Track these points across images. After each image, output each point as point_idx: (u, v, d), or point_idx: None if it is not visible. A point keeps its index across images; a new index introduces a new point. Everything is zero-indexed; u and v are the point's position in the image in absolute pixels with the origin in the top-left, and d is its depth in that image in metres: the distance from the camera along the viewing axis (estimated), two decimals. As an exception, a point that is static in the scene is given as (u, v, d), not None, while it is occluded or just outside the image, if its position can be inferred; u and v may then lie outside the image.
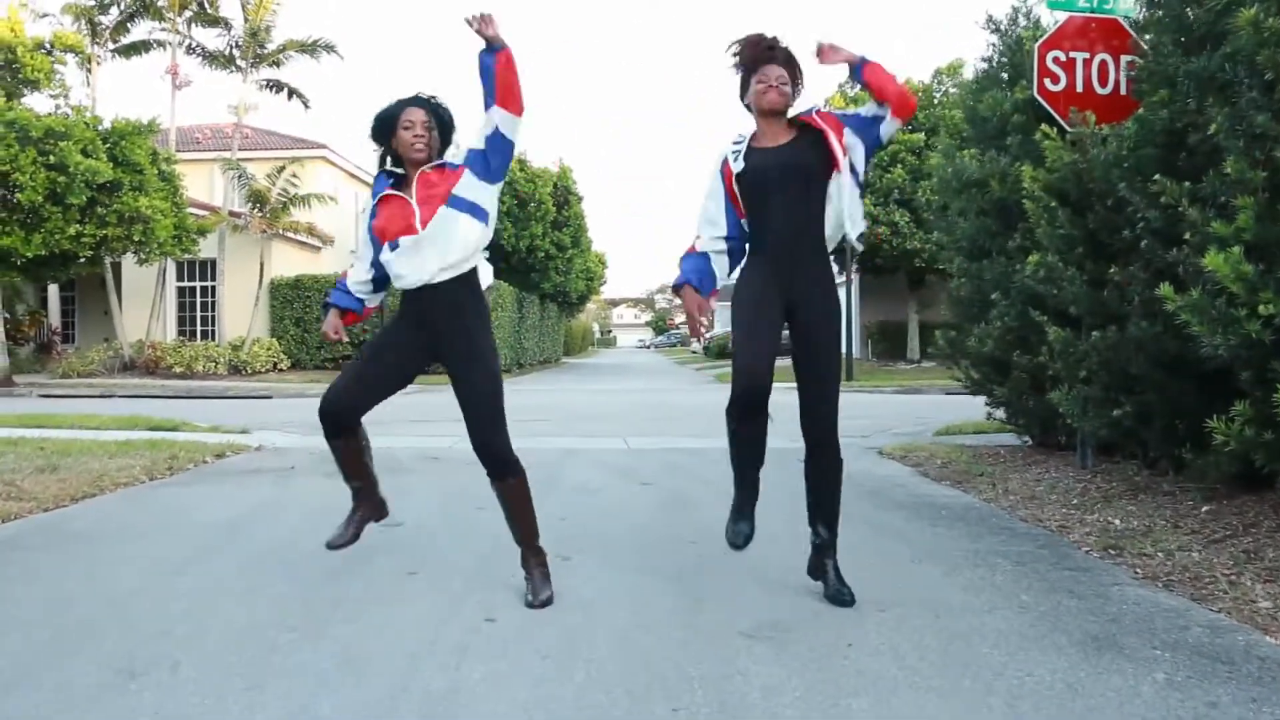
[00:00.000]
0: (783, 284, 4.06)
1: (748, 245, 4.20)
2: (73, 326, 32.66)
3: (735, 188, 4.14)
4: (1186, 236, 5.16)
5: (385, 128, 4.20)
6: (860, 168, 4.08)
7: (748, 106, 4.25)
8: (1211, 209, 5.09)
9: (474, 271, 4.22)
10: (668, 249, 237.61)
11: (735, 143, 4.23)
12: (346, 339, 4.45)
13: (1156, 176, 5.37)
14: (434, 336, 4.21)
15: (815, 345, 4.11)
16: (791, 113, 4.20)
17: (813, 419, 4.13)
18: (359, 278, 4.35)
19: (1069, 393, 6.57)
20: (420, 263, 4.11)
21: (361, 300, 4.40)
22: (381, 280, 4.33)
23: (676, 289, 4.26)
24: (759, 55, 4.15)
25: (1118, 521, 5.58)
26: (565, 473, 7.97)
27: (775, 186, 4.05)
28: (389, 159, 4.26)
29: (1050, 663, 3.31)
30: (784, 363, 3.89)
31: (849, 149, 4.05)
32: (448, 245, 4.09)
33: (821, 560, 4.24)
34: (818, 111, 4.13)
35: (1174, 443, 6.16)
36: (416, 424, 11.95)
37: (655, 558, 4.97)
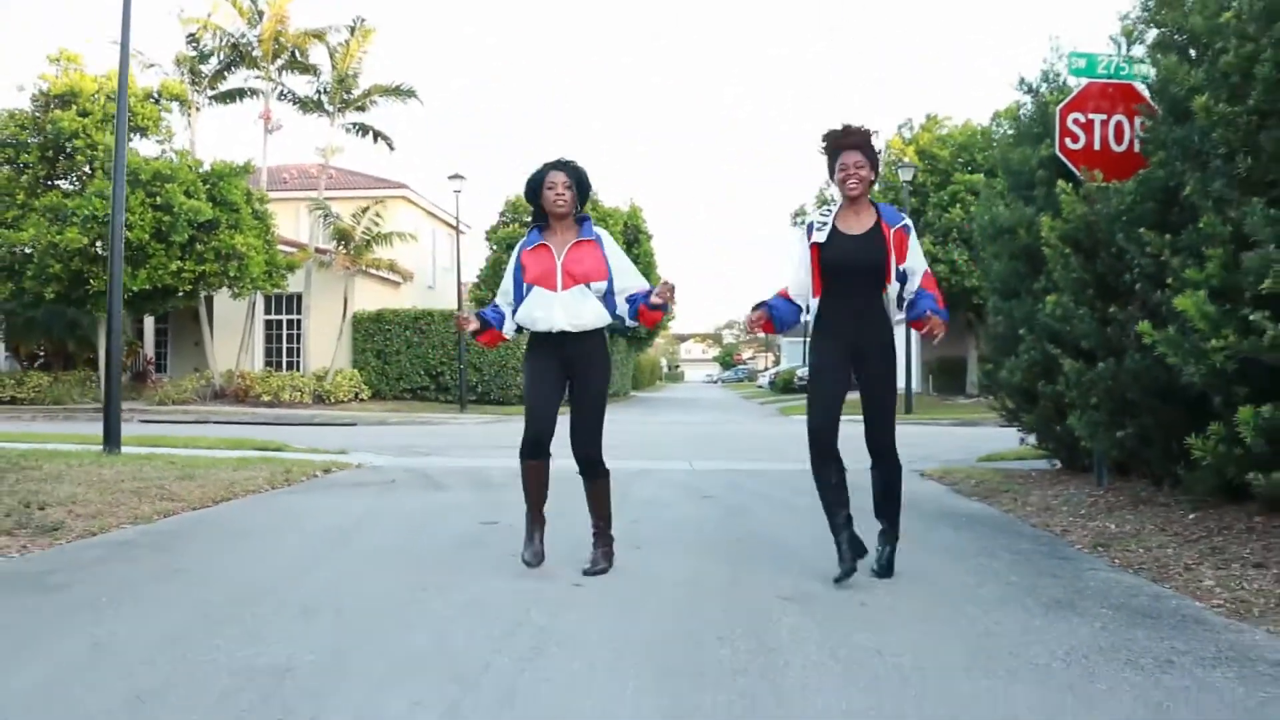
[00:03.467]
0: (851, 344, 5.13)
1: (819, 313, 5.20)
2: (165, 357, 34.35)
3: (817, 262, 5.15)
4: (1169, 281, 6.05)
5: (534, 188, 5.29)
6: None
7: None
8: (1191, 258, 5.99)
9: (599, 331, 5.33)
10: (735, 284, 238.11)
11: (822, 217, 5.27)
12: (471, 328, 5.40)
13: (1142, 229, 6.28)
14: (564, 362, 5.28)
15: (875, 385, 5.19)
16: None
17: (875, 435, 5.21)
18: (503, 311, 5.41)
19: (1081, 417, 7.44)
20: (551, 316, 5.20)
21: (502, 322, 5.40)
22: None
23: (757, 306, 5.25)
24: (839, 143, 5.16)
25: (1113, 526, 6.45)
26: (635, 489, 8.94)
27: (852, 271, 5.08)
28: (537, 214, 5.38)
29: (1016, 617, 4.24)
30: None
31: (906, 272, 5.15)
32: (578, 313, 5.20)
33: (881, 545, 5.22)
34: (897, 230, 5.13)
35: (1171, 460, 7.02)
36: (502, 449, 13.11)
37: (710, 548, 5.94)
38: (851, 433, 5.15)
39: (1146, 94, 8.05)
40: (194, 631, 4.02)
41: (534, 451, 5.29)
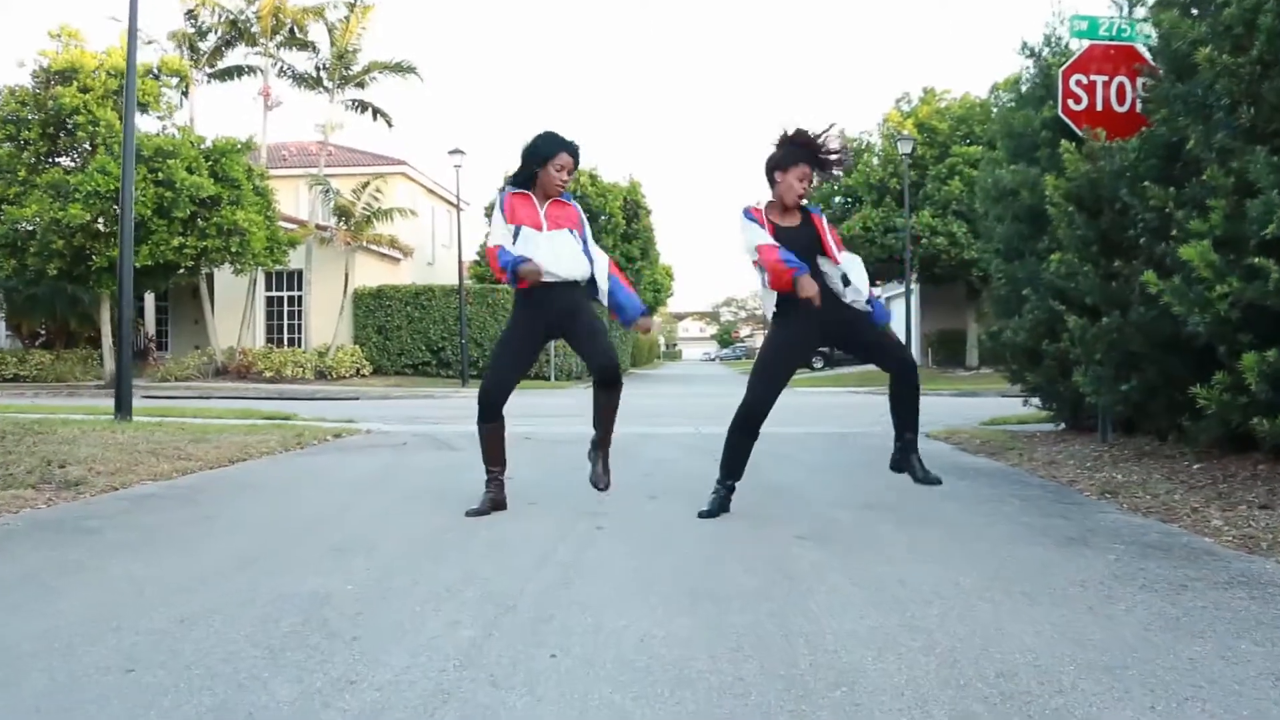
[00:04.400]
0: (814, 324, 5.28)
1: (782, 296, 5.29)
2: (166, 334, 34.42)
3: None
4: (1173, 233, 6.16)
5: (540, 159, 5.41)
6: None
7: (771, 181, 5.40)
8: (1195, 210, 6.10)
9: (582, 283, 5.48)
10: (733, 263, 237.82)
11: (755, 207, 5.41)
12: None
13: (1146, 184, 6.37)
14: (549, 322, 5.44)
15: (861, 328, 5.32)
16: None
17: (894, 352, 5.40)
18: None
19: (1085, 373, 7.55)
20: (538, 253, 5.32)
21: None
22: None
23: (795, 278, 5.24)
24: (797, 152, 5.33)
25: (1119, 476, 6.56)
26: (645, 449, 9.06)
27: (802, 257, 5.22)
28: (520, 177, 5.49)
29: (1031, 552, 4.36)
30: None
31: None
32: (560, 253, 5.35)
33: (908, 456, 5.40)
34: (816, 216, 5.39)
35: (1176, 413, 7.13)
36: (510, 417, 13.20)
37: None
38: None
39: (1148, 56, 8.15)
40: (228, 568, 4.13)
41: (490, 415, 5.54)
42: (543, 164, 5.39)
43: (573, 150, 5.44)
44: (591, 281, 5.43)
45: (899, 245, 30.23)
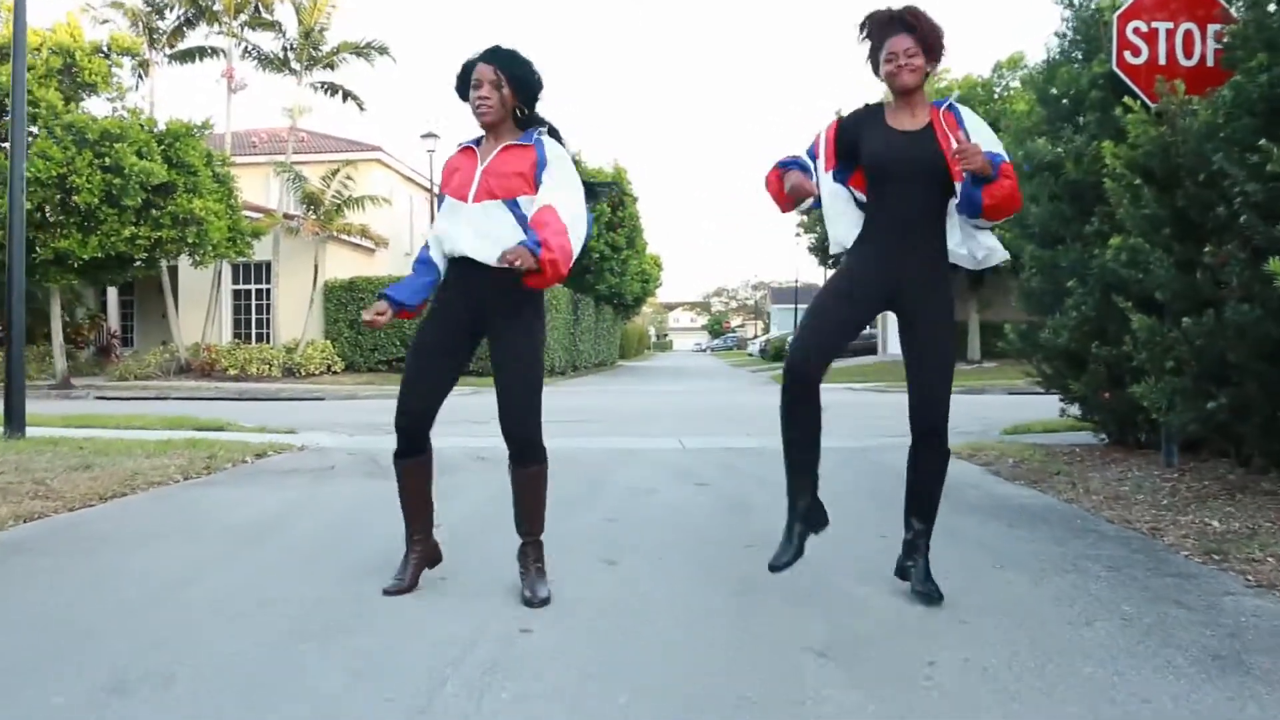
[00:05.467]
0: (890, 275, 3.83)
1: (860, 227, 3.91)
2: (131, 330, 32.89)
3: (836, 146, 3.90)
4: (1294, 209, 4.69)
5: (461, 86, 3.96)
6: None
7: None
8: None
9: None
10: (724, 253, 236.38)
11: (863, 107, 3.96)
12: (384, 319, 4.01)
13: (1262, 142, 4.89)
14: (475, 314, 3.91)
15: (926, 335, 3.87)
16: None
17: (922, 408, 3.90)
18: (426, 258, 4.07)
19: (1155, 385, 6.08)
20: (456, 232, 3.87)
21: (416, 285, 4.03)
22: None
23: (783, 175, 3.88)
24: (885, 27, 3.83)
25: (1216, 523, 5.09)
26: (618, 473, 7.58)
27: (899, 175, 3.80)
28: None
29: (1167, 686, 2.86)
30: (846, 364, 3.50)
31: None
32: (486, 232, 3.82)
33: (912, 555, 3.96)
34: (950, 120, 3.80)
35: (1275, 438, 5.67)
36: (464, 424, 11.65)
37: (710, 563, 4.56)
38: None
39: (1222, -1, 6.70)
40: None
41: (408, 447, 4.03)
42: (468, 99, 3.90)
43: (490, 56, 3.89)
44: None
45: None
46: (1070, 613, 3.65)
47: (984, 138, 3.74)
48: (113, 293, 31.26)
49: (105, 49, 23.49)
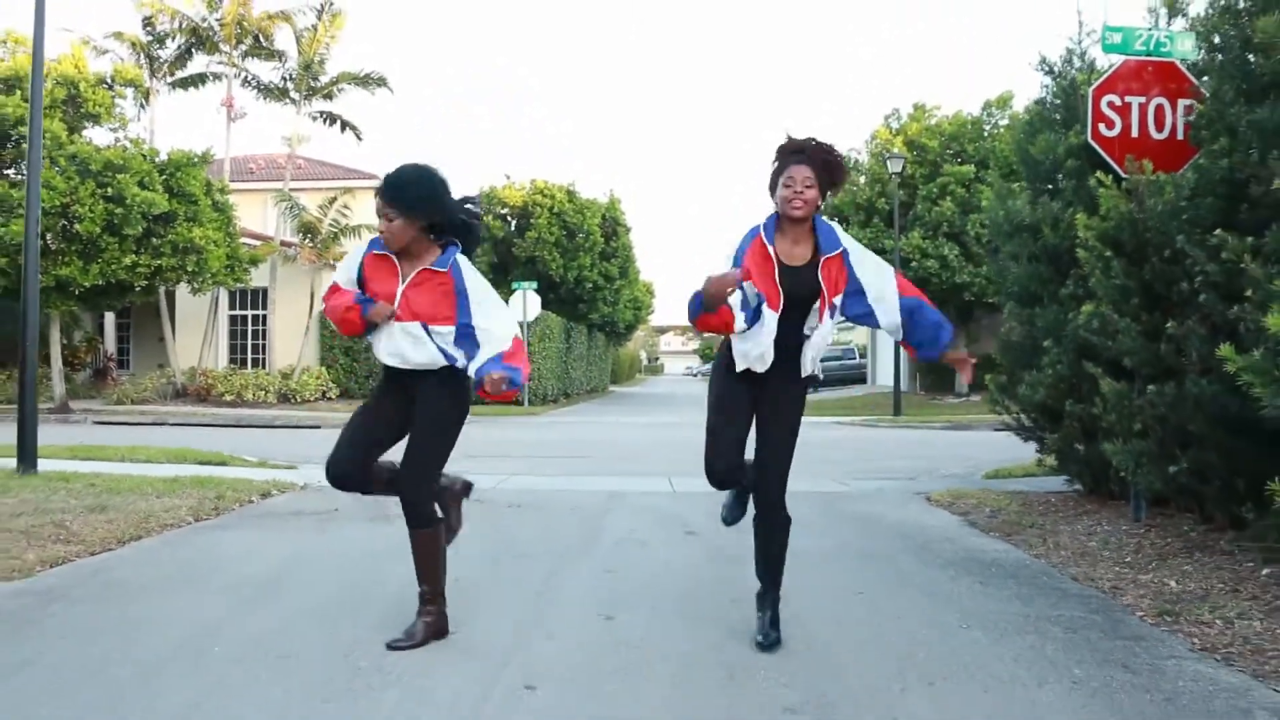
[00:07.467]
0: (758, 379, 4.33)
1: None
2: (128, 353, 33.12)
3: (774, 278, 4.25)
4: (1248, 293, 5.03)
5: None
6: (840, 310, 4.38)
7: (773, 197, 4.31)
8: (1274, 265, 4.98)
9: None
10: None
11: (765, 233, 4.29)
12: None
13: (1217, 231, 5.25)
14: (409, 394, 4.34)
15: (778, 425, 4.40)
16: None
17: (768, 482, 4.40)
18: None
19: (1123, 446, 6.42)
20: (384, 346, 4.30)
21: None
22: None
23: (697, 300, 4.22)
24: (793, 155, 4.21)
25: (1173, 583, 5.42)
26: (607, 521, 7.87)
27: (791, 305, 4.23)
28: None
29: (1107, 750, 3.20)
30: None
31: (846, 298, 4.33)
32: (406, 355, 4.26)
33: (762, 608, 4.47)
34: (826, 259, 4.23)
35: (1233, 500, 6.02)
36: (472, 459, 11.92)
37: (699, 621, 4.86)
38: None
39: (1190, 76, 7.06)
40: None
41: (342, 486, 4.49)
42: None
43: (379, 191, 4.19)
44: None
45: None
46: (1026, 674, 3.98)
47: (871, 269, 4.30)
48: (110, 316, 31.53)
49: (109, 80, 23.86)
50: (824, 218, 4.35)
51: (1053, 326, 7.74)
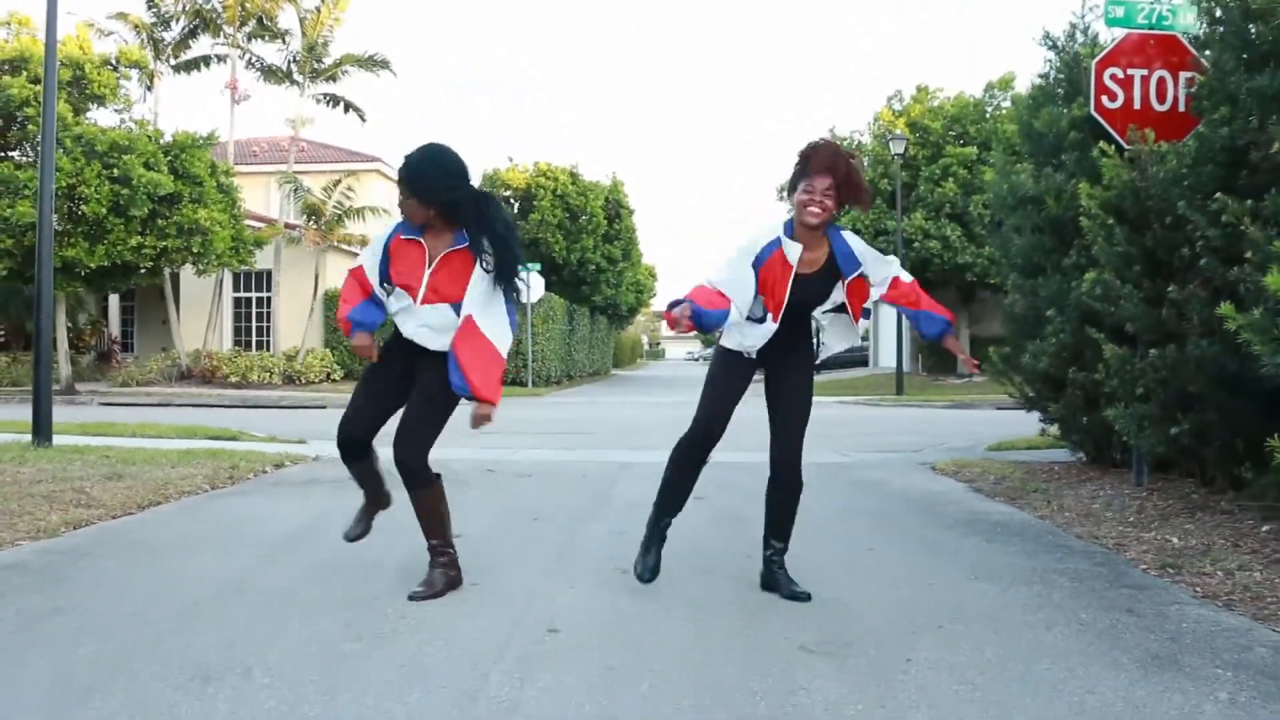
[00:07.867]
0: (765, 362, 4.57)
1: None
2: (132, 335, 33.26)
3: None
4: (1248, 255, 5.15)
5: None
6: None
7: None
8: (1274, 228, 5.09)
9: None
10: (717, 261, 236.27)
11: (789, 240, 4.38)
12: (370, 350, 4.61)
13: (1218, 195, 5.36)
14: (414, 365, 4.48)
15: (792, 394, 4.56)
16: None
17: (785, 445, 4.54)
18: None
19: (1125, 410, 6.54)
20: (411, 326, 4.43)
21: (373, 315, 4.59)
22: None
23: (677, 304, 4.33)
24: (815, 163, 4.28)
25: (1175, 540, 5.56)
26: (617, 489, 8.02)
27: (801, 308, 4.44)
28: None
29: (1111, 680, 3.32)
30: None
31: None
32: (434, 338, 4.39)
33: (773, 572, 4.59)
34: (851, 282, 4.42)
35: (1233, 461, 6.13)
36: (473, 435, 12.06)
37: (712, 573, 5.02)
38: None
39: (1191, 49, 7.16)
40: (54, 708, 3.08)
41: (348, 452, 4.66)
42: None
43: (400, 174, 4.41)
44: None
45: (890, 249, 29.22)
46: (1034, 619, 4.11)
47: (880, 270, 4.49)
48: (114, 298, 31.63)
49: (113, 61, 23.89)
50: (840, 228, 4.49)
51: (1056, 296, 7.86)
